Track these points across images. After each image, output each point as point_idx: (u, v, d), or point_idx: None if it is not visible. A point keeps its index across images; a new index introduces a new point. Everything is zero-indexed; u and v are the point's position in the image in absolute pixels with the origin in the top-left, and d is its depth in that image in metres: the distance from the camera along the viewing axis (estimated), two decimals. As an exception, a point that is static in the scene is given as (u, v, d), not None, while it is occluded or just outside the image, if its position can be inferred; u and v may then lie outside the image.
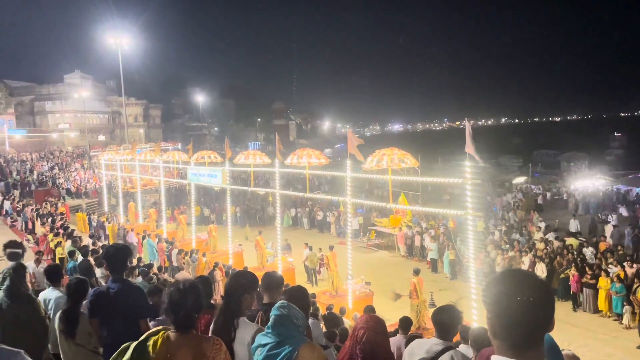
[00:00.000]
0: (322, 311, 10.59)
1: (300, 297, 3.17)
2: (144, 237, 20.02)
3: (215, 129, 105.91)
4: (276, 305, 2.89)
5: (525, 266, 16.09)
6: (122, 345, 2.57)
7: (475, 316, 9.51)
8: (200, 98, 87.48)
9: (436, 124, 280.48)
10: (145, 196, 31.25)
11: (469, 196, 9.76)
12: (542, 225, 22.10)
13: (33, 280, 8.04)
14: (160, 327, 2.64)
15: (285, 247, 19.04)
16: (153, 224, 25.04)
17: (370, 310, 8.53)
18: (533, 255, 16.52)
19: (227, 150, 18.70)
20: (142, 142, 65.04)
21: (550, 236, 19.39)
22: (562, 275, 15.50)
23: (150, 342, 2.53)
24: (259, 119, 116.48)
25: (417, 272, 13.40)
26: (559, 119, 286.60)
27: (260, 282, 3.66)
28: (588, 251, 16.83)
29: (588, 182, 33.38)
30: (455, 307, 3.57)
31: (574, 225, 22.00)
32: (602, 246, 17.45)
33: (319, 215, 28.28)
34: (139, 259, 16.06)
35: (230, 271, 14.62)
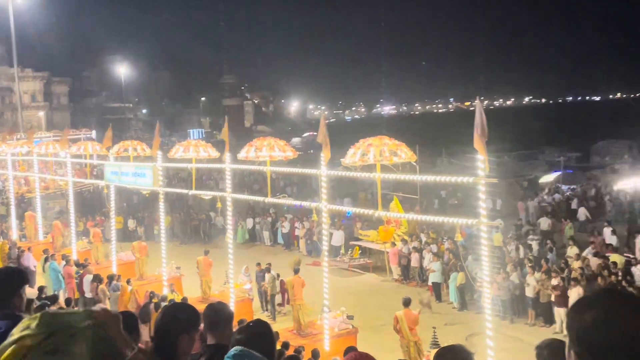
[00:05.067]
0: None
1: (262, 337, 3.13)
2: (45, 259, 19.69)
3: (144, 111, 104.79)
4: (230, 353, 2.85)
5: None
6: None
7: (492, 359, 9.61)
8: (123, 70, 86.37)
9: (440, 105, 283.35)
10: (47, 203, 30.67)
11: (482, 200, 9.88)
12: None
13: None
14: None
15: (261, 274, 18.71)
16: (58, 240, 24.64)
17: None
18: (565, 278, 16.79)
19: (156, 139, 18.51)
20: (42, 129, 63.94)
21: (588, 252, 19.79)
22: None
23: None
24: (203, 98, 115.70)
25: (406, 302, 13.45)
26: (598, 98, 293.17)
27: (202, 318, 3.63)
28: (638, 270, 17.22)
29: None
30: (465, 348, 3.60)
31: (610, 236, 22.32)
32: (655, 264, 17.87)
33: (284, 227, 28.28)
34: (40, 289, 15.76)
35: (163, 303, 14.47)
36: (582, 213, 27.75)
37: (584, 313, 1.57)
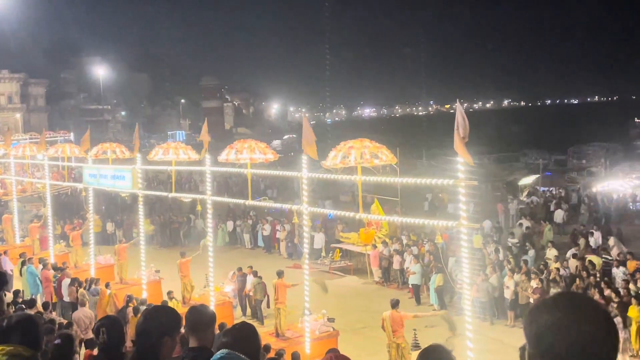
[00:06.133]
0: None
1: (247, 340, 3.14)
2: (23, 263, 19.46)
3: (123, 113, 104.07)
4: (216, 356, 2.84)
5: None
6: None
7: (472, 360, 9.68)
8: (101, 71, 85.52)
9: (420, 107, 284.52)
10: (24, 206, 30.34)
11: (462, 202, 9.94)
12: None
13: None
14: None
15: (242, 278, 18.54)
16: (36, 244, 24.39)
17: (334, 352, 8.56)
18: (544, 280, 16.94)
19: (135, 140, 18.39)
20: (19, 131, 63.18)
21: (571, 254, 20.01)
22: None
23: None
24: (183, 100, 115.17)
25: (394, 304, 13.22)
26: (576, 101, 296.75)
27: (184, 321, 3.62)
28: (619, 272, 17.42)
29: (617, 182, 34.78)
30: (445, 348, 3.64)
31: (589, 238, 22.67)
32: (632, 265, 18.13)
33: (265, 229, 28.23)
34: (16, 293, 15.57)
35: (142, 307, 14.37)
36: (560, 215, 28.08)
37: (541, 316, 1.57)
